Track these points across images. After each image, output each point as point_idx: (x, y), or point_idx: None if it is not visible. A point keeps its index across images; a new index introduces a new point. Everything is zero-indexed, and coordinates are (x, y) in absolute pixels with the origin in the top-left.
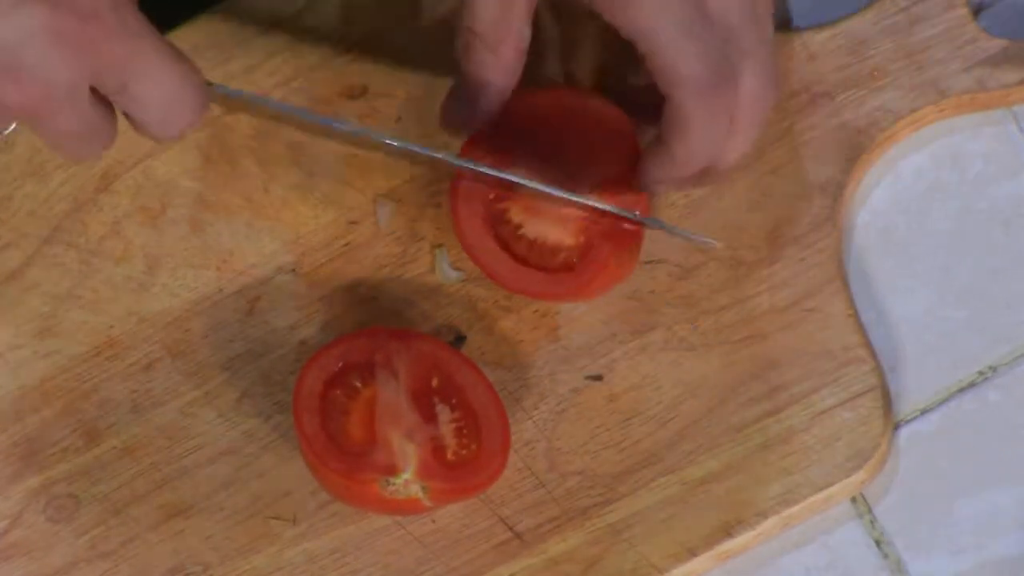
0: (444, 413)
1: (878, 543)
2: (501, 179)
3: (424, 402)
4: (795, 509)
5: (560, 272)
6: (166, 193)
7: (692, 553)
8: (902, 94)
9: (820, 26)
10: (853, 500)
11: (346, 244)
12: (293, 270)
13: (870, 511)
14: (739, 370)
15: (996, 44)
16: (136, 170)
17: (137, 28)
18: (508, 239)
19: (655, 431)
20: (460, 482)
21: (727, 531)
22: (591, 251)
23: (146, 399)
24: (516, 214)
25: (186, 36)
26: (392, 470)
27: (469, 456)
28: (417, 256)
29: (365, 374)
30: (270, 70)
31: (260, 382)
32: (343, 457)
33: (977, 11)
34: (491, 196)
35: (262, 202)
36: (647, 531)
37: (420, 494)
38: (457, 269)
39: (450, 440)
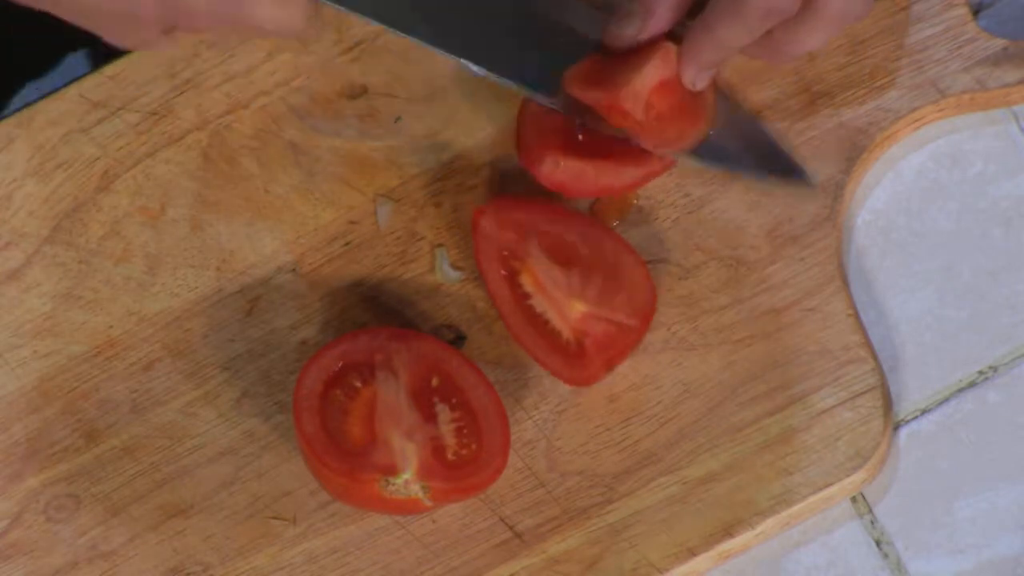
0: (444, 413)
1: (878, 543)
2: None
3: (424, 402)
4: (795, 509)
5: (556, 353)
6: (166, 193)
7: (692, 553)
8: (902, 94)
9: None
10: (853, 500)
11: (346, 244)
12: (293, 270)
13: (870, 511)
14: (739, 370)
15: (996, 44)
16: (136, 170)
17: None
18: (520, 300)
19: (655, 431)
20: (460, 482)
21: (727, 531)
22: (583, 358)
23: (146, 399)
24: (527, 283)
25: (186, 36)
26: (392, 470)
27: (469, 456)
28: (417, 256)
29: (365, 374)
30: (270, 70)
31: (260, 382)
32: (343, 457)
33: (977, 11)
34: (505, 252)
35: (262, 202)
36: (647, 531)
37: (420, 494)
38: (457, 269)
39: (450, 440)
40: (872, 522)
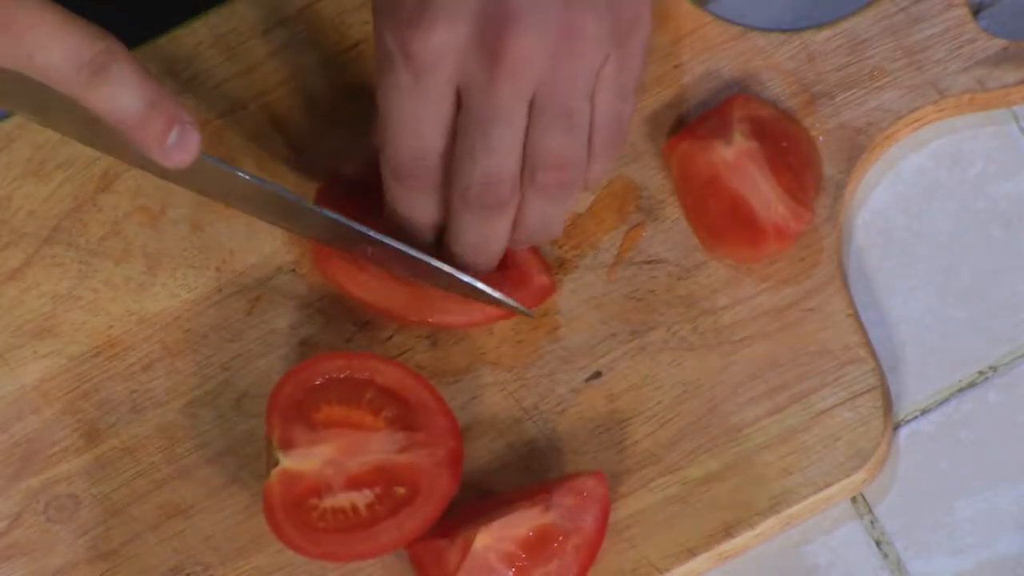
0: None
1: (878, 543)
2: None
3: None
4: (795, 509)
5: None
6: (166, 193)
7: (692, 553)
8: (902, 94)
9: (820, 26)
10: (853, 500)
11: None
12: (293, 270)
13: (870, 511)
14: (739, 370)
15: (996, 44)
16: (136, 170)
17: None
18: None
19: (655, 431)
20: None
21: (727, 531)
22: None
23: (146, 399)
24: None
25: (186, 36)
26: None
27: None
28: None
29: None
30: (270, 70)
31: (260, 382)
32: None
33: (977, 11)
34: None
35: None
36: (647, 531)
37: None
38: None
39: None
40: (872, 522)
